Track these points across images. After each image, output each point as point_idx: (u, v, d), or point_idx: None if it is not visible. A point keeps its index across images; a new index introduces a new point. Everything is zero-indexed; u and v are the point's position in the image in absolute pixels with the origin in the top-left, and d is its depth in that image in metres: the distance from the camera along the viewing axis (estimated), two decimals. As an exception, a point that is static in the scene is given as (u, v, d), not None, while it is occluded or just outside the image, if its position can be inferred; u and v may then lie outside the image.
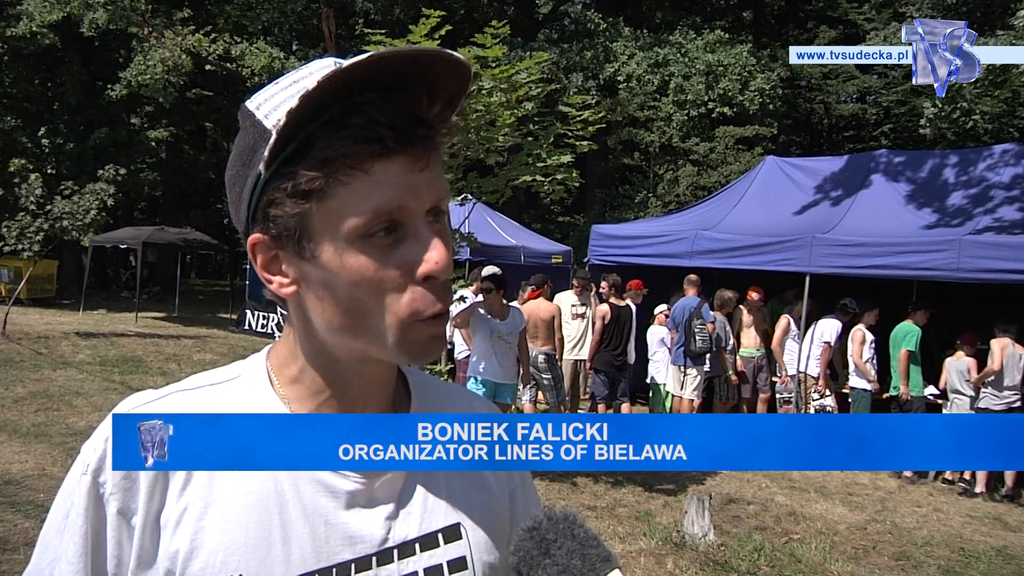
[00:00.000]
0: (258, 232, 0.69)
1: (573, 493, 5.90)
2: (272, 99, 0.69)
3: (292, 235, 0.67)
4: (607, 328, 7.82)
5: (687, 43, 17.70)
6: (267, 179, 0.66)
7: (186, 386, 0.75)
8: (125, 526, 0.69)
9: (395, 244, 0.67)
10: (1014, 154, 8.16)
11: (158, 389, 0.75)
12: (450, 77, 0.67)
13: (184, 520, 0.68)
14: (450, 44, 5.72)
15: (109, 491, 0.68)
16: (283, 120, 0.62)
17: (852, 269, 7.41)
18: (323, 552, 0.69)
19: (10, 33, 16.23)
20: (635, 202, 19.61)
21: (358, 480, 0.72)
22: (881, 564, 4.85)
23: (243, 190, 0.69)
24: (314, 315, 0.70)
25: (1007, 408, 6.53)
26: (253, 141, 0.68)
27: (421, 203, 0.67)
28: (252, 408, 0.73)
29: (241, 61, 15.22)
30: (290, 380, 0.75)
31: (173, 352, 11.43)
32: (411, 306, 0.67)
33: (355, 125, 0.64)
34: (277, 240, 0.68)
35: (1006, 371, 6.54)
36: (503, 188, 6.02)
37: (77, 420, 7.01)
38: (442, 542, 0.74)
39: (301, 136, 0.64)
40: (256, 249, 0.70)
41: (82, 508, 0.69)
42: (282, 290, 0.70)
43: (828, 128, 24.74)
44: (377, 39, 5.69)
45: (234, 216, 0.72)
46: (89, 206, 11.31)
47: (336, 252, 0.66)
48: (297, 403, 0.74)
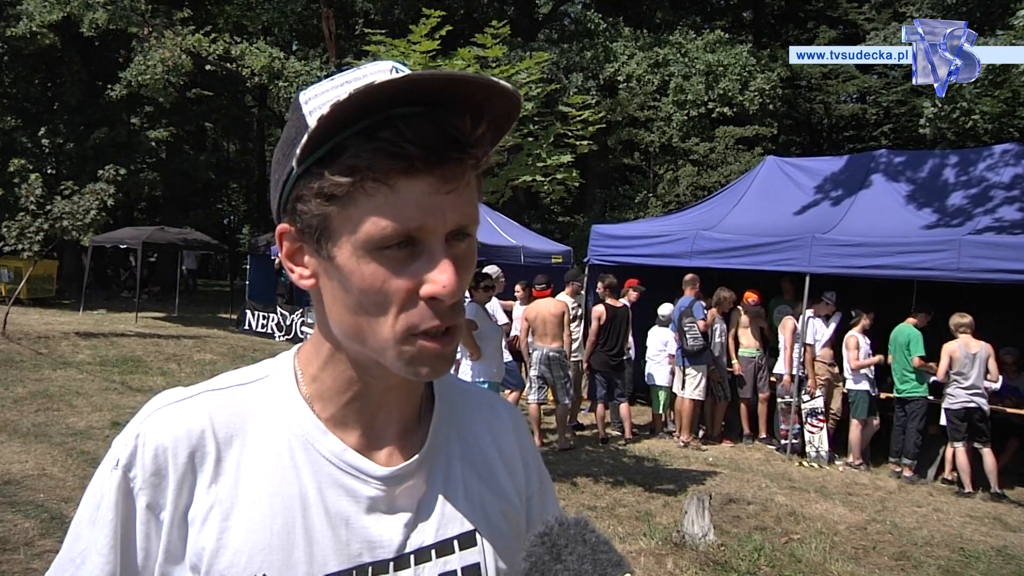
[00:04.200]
0: (286, 222, 0.71)
1: (573, 493, 5.90)
2: (319, 96, 0.70)
3: (313, 232, 0.69)
4: (603, 329, 7.83)
5: (687, 43, 17.71)
6: (299, 175, 0.68)
7: (216, 385, 0.76)
8: (154, 520, 0.70)
9: (409, 259, 0.67)
10: (1014, 154, 8.15)
11: (189, 387, 0.76)
12: (496, 99, 0.66)
13: (211, 518, 0.70)
14: (450, 44, 5.73)
15: (139, 486, 0.70)
16: (314, 125, 0.63)
17: (852, 269, 7.41)
18: (344, 555, 0.71)
19: (10, 33, 16.24)
20: (635, 202, 19.61)
21: (379, 487, 0.74)
22: (881, 564, 4.85)
23: (280, 178, 0.71)
24: (330, 314, 0.72)
25: (963, 408, 6.55)
26: (295, 134, 0.69)
27: (443, 224, 0.67)
28: (278, 409, 0.75)
29: (241, 61, 15.21)
30: (312, 378, 0.76)
31: (173, 352, 11.42)
32: (408, 320, 0.67)
33: (384, 139, 0.64)
34: (301, 234, 0.70)
35: (964, 371, 6.57)
36: (503, 188, 6.02)
37: (77, 420, 7.01)
38: (457, 548, 0.76)
39: (334, 140, 0.64)
40: (283, 238, 0.72)
41: (112, 502, 0.70)
42: (302, 281, 0.72)
43: (828, 128, 24.74)
44: (377, 39, 5.69)
45: (272, 199, 0.74)
46: (89, 206, 11.31)
47: (351, 256, 0.67)
48: (320, 403, 0.75)
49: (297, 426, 0.74)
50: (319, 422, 0.74)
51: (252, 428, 0.73)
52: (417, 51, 5.34)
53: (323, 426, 0.74)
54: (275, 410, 0.75)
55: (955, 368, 6.61)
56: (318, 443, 0.74)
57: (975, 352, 6.57)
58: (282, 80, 15.13)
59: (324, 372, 0.75)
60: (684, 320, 7.83)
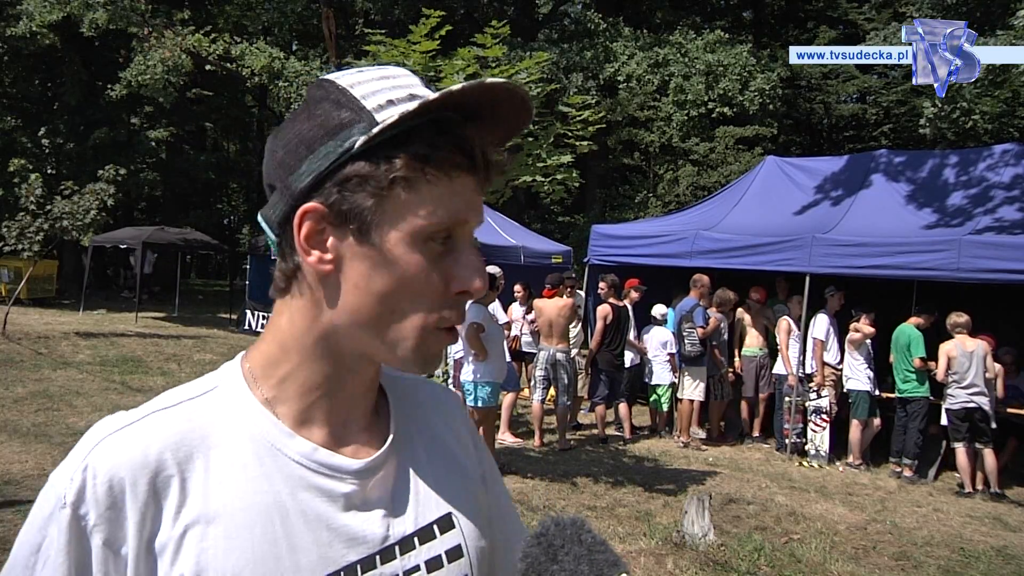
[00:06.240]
0: (317, 202, 0.68)
1: (573, 493, 5.90)
2: (365, 84, 0.70)
3: (362, 215, 0.68)
4: (608, 328, 7.82)
5: (687, 43, 17.70)
6: (356, 155, 0.67)
7: (163, 404, 0.71)
8: (113, 558, 0.65)
9: (444, 254, 0.70)
10: (1014, 154, 8.16)
11: (132, 411, 0.72)
12: (515, 113, 0.72)
13: (186, 543, 0.66)
14: (450, 44, 5.73)
15: (93, 523, 0.65)
16: (409, 110, 0.65)
17: (852, 269, 7.41)
18: (329, 557, 0.70)
19: (10, 33, 16.23)
20: (635, 202, 19.60)
21: (353, 482, 0.73)
22: (881, 564, 4.85)
23: (313, 156, 0.68)
24: (341, 301, 0.70)
25: (963, 408, 6.55)
26: (346, 117, 0.68)
27: (476, 222, 0.72)
28: (236, 418, 0.71)
29: (241, 61, 15.22)
30: (280, 379, 0.73)
31: (173, 352, 11.43)
32: (440, 313, 0.70)
33: (457, 135, 0.68)
34: (339, 215, 0.68)
35: (961, 370, 6.56)
36: (503, 188, 6.02)
37: (77, 420, 7.01)
38: (438, 533, 0.76)
39: (401, 127, 0.67)
40: (306, 217, 0.68)
41: (63, 543, 0.64)
42: (320, 266, 0.69)
43: (828, 128, 24.73)
44: (377, 39, 5.69)
45: (275, 175, 0.71)
46: (89, 206, 11.31)
47: (399, 243, 0.68)
48: (284, 404, 0.73)
49: (260, 433, 0.71)
50: (283, 425, 0.72)
51: (213, 443, 0.70)
52: (417, 51, 5.34)
53: (287, 428, 0.72)
54: (233, 420, 0.71)
55: (953, 368, 6.61)
56: (285, 447, 0.71)
57: (972, 350, 6.57)
58: (282, 80, 15.13)
59: (299, 370, 0.73)
60: (683, 325, 7.82)
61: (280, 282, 0.74)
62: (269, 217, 0.73)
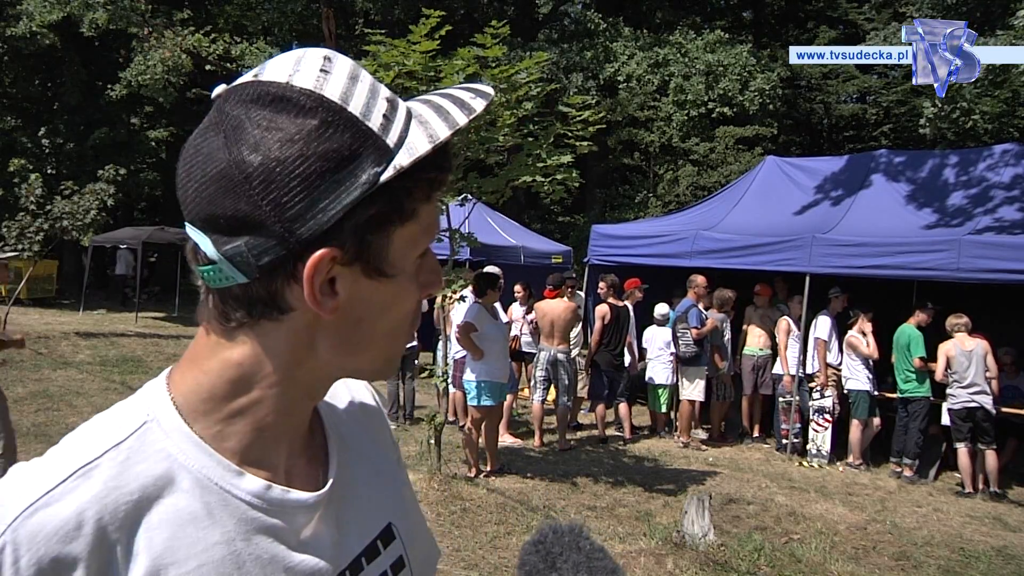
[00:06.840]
0: (334, 246, 0.60)
1: (573, 493, 5.90)
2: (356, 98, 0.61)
3: (379, 252, 0.62)
4: (607, 328, 7.83)
5: (687, 43, 17.71)
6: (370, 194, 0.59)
7: (87, 456, 0.61)
8: None
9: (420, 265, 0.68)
10: (1014, 154, 8.15)
11: (46, 466, 0.60)
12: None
13: None
14: (450, 44, 5.73)
15: None
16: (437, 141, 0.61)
17: (852, 269, 7.41)
18: None
19: (10, 33, 16.23)
20: (635, 202, 19.59)
21: (307, 515, 0.68)
22: (881, 564, 4.85)
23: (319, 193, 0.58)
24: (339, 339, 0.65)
25: (965, 408, 6.54)
26: (348, 141, 0.59)
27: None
28: (177, 462, 0.63)
29: (241, 61, 15.22)
30: (229, 414, 0.65)
31: (173, 352, 11.42)
32: (412, 315, 0.69)
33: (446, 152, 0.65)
34: (351, 254, 0.61)
35: (960, 370, 6.56)
36: (503, 188, 6.02)
37: (77, 420, 6.94)
38: (382, 548, 0.75)
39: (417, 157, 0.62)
40: (321, 266, 0.60)
41: None
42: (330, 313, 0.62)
43: (828, 128, 24.72)
44: (377, 39, 5.69)
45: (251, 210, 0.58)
46: (89, 206, 11.32)
47: (406, 269, 0.65)
48: (231, 440, 0.65)
49: (205, 475, 0.63)
50: (229, 464, 0.64)
51: (154, 494, 0.61)
52: (417, 51, 5.34)
53: (235, 467, 0.65)
54: (174, 464, 0.63)
55: (952, 367, 6.60)
56: (234, 488, 0.64)
57: (971, 350, 6.57)
58: (282, 80, 15.11)
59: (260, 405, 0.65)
60: (678, 326, 7.82)
61: (234, 312, 0.62)
62: (242, 258, 0.59)
